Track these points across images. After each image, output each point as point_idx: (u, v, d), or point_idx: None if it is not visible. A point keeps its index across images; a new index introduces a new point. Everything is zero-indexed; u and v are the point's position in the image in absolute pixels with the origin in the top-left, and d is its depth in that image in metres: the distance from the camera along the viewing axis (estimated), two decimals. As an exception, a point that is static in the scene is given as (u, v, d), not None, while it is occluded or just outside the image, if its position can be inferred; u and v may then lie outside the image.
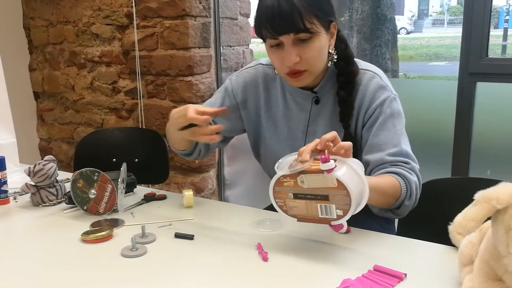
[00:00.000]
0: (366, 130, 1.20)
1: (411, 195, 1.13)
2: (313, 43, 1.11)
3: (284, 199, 0.96)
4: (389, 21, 6.69)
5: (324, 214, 0.93)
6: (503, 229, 0.69)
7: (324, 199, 0.92)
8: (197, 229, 1.13)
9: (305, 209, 0.95)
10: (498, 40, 7.53)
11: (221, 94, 1.35)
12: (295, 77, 1.16)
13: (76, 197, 1.24)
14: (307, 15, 1.08)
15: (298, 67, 1.13)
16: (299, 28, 1.08)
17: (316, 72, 1.18)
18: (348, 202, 0.89)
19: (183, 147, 1.29)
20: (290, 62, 1.12)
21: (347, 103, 1.20)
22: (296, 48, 1.11)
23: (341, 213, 0.91)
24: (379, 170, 1.15)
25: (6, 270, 0.96)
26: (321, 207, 0.93)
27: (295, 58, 1.11)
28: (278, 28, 1.09)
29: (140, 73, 2.44)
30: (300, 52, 1.11)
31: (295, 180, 0.93)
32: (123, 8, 2.42)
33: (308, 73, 1.16)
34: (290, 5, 1.07)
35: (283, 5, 1.07)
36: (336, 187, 0.89)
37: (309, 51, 1.12)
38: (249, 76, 1.34)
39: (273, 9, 1.08)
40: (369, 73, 1.21)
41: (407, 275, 0.89)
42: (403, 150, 1.16)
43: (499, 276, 0.74)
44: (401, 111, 1.20)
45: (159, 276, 0.91)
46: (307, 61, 1.13)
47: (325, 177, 0.90)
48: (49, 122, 2.92)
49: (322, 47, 1.14)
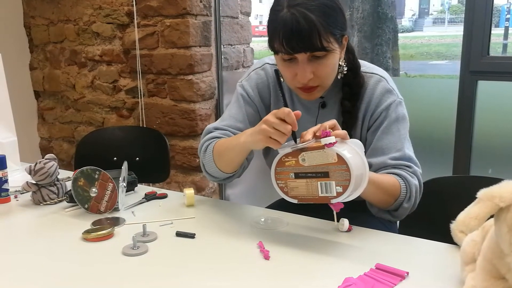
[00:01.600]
0: (371, 133, 1.20)
1: (410, 197, 1.13)
2: (328, 60, 1.10)
3: (286, 179, 0.99)
4: (390, 20, 6.69)
5: (324, 192, 0.95)
6: (506, 227, 0.69)
7: (324, 176, 0.94)
8: (198, 228, 1.13)
9: (305, 188, 0.97)
10: (499, 38, 7.53)
11: (239, 103, 1.29)
12: (308, 92, 1.14)
13: (77, 196, 1.23)
14: (325, 34, 1.05)
15: (311, 83, 1.12)
16: (317, 47, 1.05)
17: (327, 87, 1.17)
18: (347, 177, 0.91)
19: (236, 169, 1.22)
20: (304, 80, 1.10)
21: (351, 114, 1.19)
22: (311, 65, 1.09)
23: (340, 189, 0.93)
24: (380, 172, 1.15)
25: (7, 268, 0.96)
26: (321, 185, 0.95)
27: (309, 75, 1.10)
28: (295, 46, 1.06)
29: (140, 72, 2.44)
30: (314, 69, 1.10)
31: (296, 159, 0.97)
32: (123, 7, 2.42)
33: (320, 88, 1.15)
34: (309, 24, 1.03)
35: (302, 22, 1.03)
36: (336, 162, 0.92)
37: (323, 68, 1.10)
38: (259, 77, 1.30)
39: (292, 26, 1.04)
40: (376, 76, 1.21)
41: (409, 273, 0.88)
42: (406, 155, 1.16)
43: (502, 274, 0.74)
44: (406, 116, 1.20)
45: (160, 275, 0.91)
46: (320, 77, 1.11)
47: (326, 152, 0.93)
48: (49, 121, 2.92)
49: (335, 63, 1.13)
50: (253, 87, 1.29)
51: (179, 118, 2.38)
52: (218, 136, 1.25)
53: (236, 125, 1.27)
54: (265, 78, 1.29)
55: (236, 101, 1.30)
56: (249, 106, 1.29)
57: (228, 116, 1.29)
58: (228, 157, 1.19)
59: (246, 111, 1.28)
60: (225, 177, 1.25)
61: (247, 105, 1.29)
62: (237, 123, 1.27)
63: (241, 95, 1.29)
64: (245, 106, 1.28)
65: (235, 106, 1.30)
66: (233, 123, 1.27)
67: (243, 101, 1.29)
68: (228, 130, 1.26)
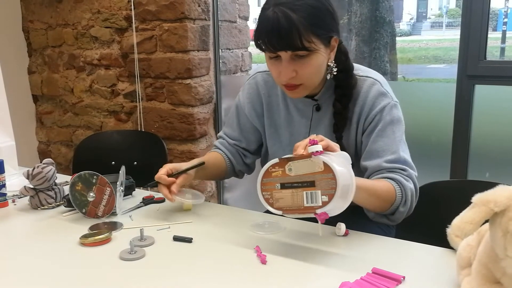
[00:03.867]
0: (366, 137, 1.20)
1: (406, 201, 1.13)
2: (311, 60, 1.12)
3: (271, 190, 0.98)
4: (388, 24, 6.71)
5: (309, 202, 0.94)
6: (501, 232, 0.69)
7: (310, 186, 0.94)
8: (195, 232, 1.13)
9: (290, 199, 0.96)
10: (496, 42, 7.56)
11: (235, 113, 1.42)
12: (291, 89, 1.17)
13: (74, 200, 1.24)
14: (306, 34, 1.07)
15: (293, 81, 1.14)
16: (297, 47, 1.08)
17: (312, 86, 1.18)
18: (333, 185, 0.90)
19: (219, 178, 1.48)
20: (286, 77, 1.13)
21: (342, 115, 1.20)
22: (293, 63, 1.11)
23: (326, 198, 0.92)
24: (375, 176, 1.16)
25: (4, 273, 0.96)
26: (306, 195, 0.94)
27: (291, 73, 1.12)
28: (276, 44, 1.09)
29: (139, 76, 2.45)
30: (297, 68, 1.12)
31: (283, 169, 0.97)
32: (122, 11, 2.43)
33: (303, 87, 1.17)
34: (289, 23, 1.05)
35: (282, 21, 1.06)
36: (323, 171, 0.92)
37: (305, 67, 1.12)
38: (251, 87, 1.38)
39: (273, 24, 1.07)
40: (369, 79, 1.21)
41: (405, 278, 0.88)
42: (401, 157, 1.16)
43: (497, 278, 0.74)
44: (401, 118, 1.20)
45: (158, 279, 0.91)
46: (303, 76, 1.14)
47: (312, 161, 0.93)
48: (48, 125, 2.92)
49: (319, 63, 1.14)
50: (245, 97, 1.39)
51: (177, 122, 2.39)
52: (216, 145, 1.45)
53: (232, 134, 1.43)
54: (255, 87, 1.37)
55: (233, 110, 1.43)
56: (242, 116, 1.41)
57: (227, 123, 1.45)
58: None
59: (239, 120, 1.41)
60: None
61: (240, 115, 1.41)
62: (232, 132, 1.43)
63: (236, 105, 1.42)
64: (239, 115, 1.41)
65: (232, 115, 1.43)
66: (230, 131, 1.44)
67: (237, 111, 1.42)
68: (225, 139, 1.44)
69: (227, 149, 1.42)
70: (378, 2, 6.71)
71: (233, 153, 1.42)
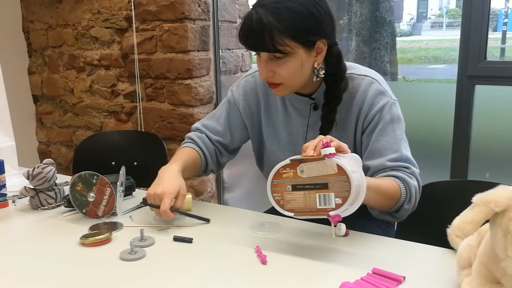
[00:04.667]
0: (366, 136, 1.20)
1: (411, 198, 1.13)
2: (287, 62, 1.12)
3: (282, 192, 0.97)
4: (388, 24, 6.71)
5: (322, 204, 0.93)
6: (501, 232, 0.69)
7: (323, 188, 0.93)
8: (196, 233, 1.13)
9: (302, 201, 0.95)
10: (496, 43, 7.56)
11: (225, 107, 1.37)
12: (272, 87, 1.19)
13: (75, 200, 1.24)
14: (278, 37, 1.07)
15: (272, 80, 1.16)
16: (269, 49, 1.09)
17: (293, 86, 1.18)
18: (348, 188, 0.90)
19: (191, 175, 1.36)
20: (262, 76, 1.16)
21: (327, 119, 1.19)
22: (271, 63, 1.13)
23: (340, 201, 0.91)
24: (379, 174, 1.16)
25: (4, 273, 0.96)
26: (319, 197, 0.93)
27: (268, 73, 1.14)
28: (251, 45, 1.13)
29: (139, 76, 2.45)
30: (273, 68, 1.13)
31: (294, 171, 0.95)
32: (122, 11, 2.43)
33: (284, 86, 1.17)
34: (261, 25, 1.07)
35: (255, 23, 1.08)
36: (336, 173, 0.91)
37: (282, 68, 1.13)
38: (248, 84, 1.36)
39: (248, 25, 1.10)
40: (367, 78, 1.21)
41: (406, 278, 0.89)
42: (403, 155, 1.16)
43: (498, 279, 0.74)
44: (400, 116, 1.20)
45: (158, 280, 0.91)
46: (280, 76, 1.14)
47: (325, 163, 0.92)
48: (48, 125, 2.92)
49: (297, 66, 1.13)
50: (240, 94, 1.36)
51: (178, 122, 2.39)
52: (193, 138, 1.36)
53: (216, 128, 1.37)
54: (254, 85, 1.35)
55: (224, 104, 1.38)
56: (233, 112, 1.37)
57: (212, 116, 1.39)
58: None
59: (229, 116, 1.37)
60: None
61: (231, 111, 1.37)
62: (217, 126, 1.37)
63: (228, 100, 1.38)
64: (229, 111, 1.37)
65: (222, 108, 1.38)
66: (214, 125, 1.37)
67: (229, 106, 1.37)
68: (205, 134, 1.37)
69: (205, 145, 1.35)
70: (378, 3, 6.71)
71: (210, 151, 1.36)
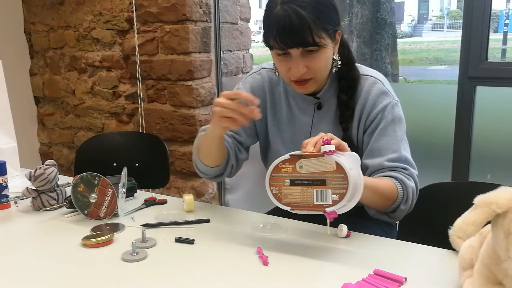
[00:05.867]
0: (368, 136, 1.21)
1: (407, 200, 1.14)
2: (321, 55, 1.13)
3: (280, 186, 0.98)
4: (389, 25, 6.71)
5: (319, 200, 0.95)
6: (503, 233, 0.70)
7: (321, 184, 0.94)
8: (197, 234, 1.13)
9: (300, 196, 0.96)
10: (497, 44, 7.56)
11: None
12: (301, 85, 1.18)
13: (76, 202, 1.24)
14: (316, 30, 1.08)
15: (304, 76, 1.15)
16: (309, 43, 1.09)
17: (321, 80, 1.20)
18: (345, 185, 0.91)
19: (218, 162, 1.26)
20: (298, 74, 1.14)
21: (348, 106, 1.21)
22: (304, 59, 1.12)
23: (336, 198, 0.93)
24: (377, 174, 1.16)
25: (6, 274, 0.96)
26: (317, 193, 0.95)
27: (303, 69, 1.13)
28: (288, 42, 1.10)
29: (140, 78, 2.45)
30: (307, 63, 1.13)
31: (293, 166, 0.96)
32: (123, 13, 2.43)
33: (313, 81, 1.18)
34: (301, 19, 1.07)
35: (294, 18, 1.07)
36: (335, 171, 0.92)
37: (316, 62, 1.13)
38: (255, 81, 1.35)
39: (284, 22, 1.08)
40: (371, 78, 1.22)
41: (407, 279, 0.89)
42: (403, 156, 1.16)
43: (499, 280, 0.74)
44: (402, 117, 1.21)
45: (160, 281, 0.91)
46: (314, 71, 1.15)
47: (325, 160, 0.93)
48: (49, 126, 2.93)
49: (328, 57, 1.16)
50: (247, 89, 1.33)
51: (179, 123, 2.39)
52: None
53: None
54: (261, 82, 1.34)
55: None
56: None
57: None
58: (205, 148, 1.24)
59: None
60: (213, 173, 1.29)
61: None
62: None
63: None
64: None
65: None
66: None
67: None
68: None
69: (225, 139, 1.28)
70: (379, 4, 6.72)
71: (230, 144, 1.31)
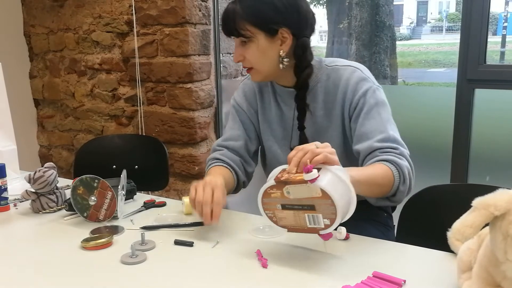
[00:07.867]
0: (353, 122, 1.24)
1: (405, 180, 1.14)
2: (252, 46, 1.23)
3: (273, 210, 0.97)
4: (388, 28, 6.72)
5: (312, 223, 0.94)
6: (501, 235, 0.70)
7: (311, 209, 0.92)
8: (196, 236, 1.13)
9: (293, 219, 0.96)
10: (496, 46, 7.57)
11: (233, 114, 1.43)
12: (247, 72, 1.30)
13: (76, 204, 1.24)
14: (240, 22, 1.21)
15: (245, 64, 1.27)
16: (234, 33, 1.23)
17: (264, 72, 1.26)
18: (334, 211, 0.90)
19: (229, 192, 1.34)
20: (235, 60, 1.28)
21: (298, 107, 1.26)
22: (241, 48, 1.25)
23: (328, 222, 0.92)
24: (370, 160, 1.17)
25: (5, 277, 0.96)
26: (308, 217, 0.94)
27: (239, 57, 1.26)
28: (224, 30, 1.27)
29: (140, 80, 2.45)
30: (243, 52, 1.25)
31: (281, 191, 0.94)
32: (123, 15, 2.44)
33: (255, 71, 1.27)
34: (231, 12, 1.22)
35: (228, 11, 1.23)
36: (321, 197, 0.90)
37: (247, 52, 1.24)
38: (246, 86, 1.42)
39: (224, 13, 1.25)
40: (350, 68, 1.26)
41: (406, 281, 0.89)
42: (391, 136, 1.18)
43: (498, 282, 0.74)
44: (385, 100, 1.24)
45: (159, 283, 0.92)
46: (249, 60, 1.25)
47: (309, 187, 0.90)
48: (49, 129, 2.93)
49: (260, 50, 1.23)
50: (241, 96, 1.42)
51: (178, 126, 2.39)
52: (218, 157, 1.36)
53: (234, 134, 1.40)
54: (251, 86, 1.41)
55: (231, 113, 1.44)
56: (241, 115, 1.41)
57: (228, 128, 1.43)
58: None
59: (240, 120, 1.41)
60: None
61: (239, 115, 1.42)
62: (236, 131, 1.40)
63: (233, 106, 1.44)
64: (238, 116, 1.42)
65: (231, 118, 1.44)
66: (232, 133, 1.40)
67: (236, 112, 1.42)
68: (226, 147, 1.38)
69: (230, 159, 1.35)
70: (378, 7, 6.73)
71: (237, 163, 1.36)
